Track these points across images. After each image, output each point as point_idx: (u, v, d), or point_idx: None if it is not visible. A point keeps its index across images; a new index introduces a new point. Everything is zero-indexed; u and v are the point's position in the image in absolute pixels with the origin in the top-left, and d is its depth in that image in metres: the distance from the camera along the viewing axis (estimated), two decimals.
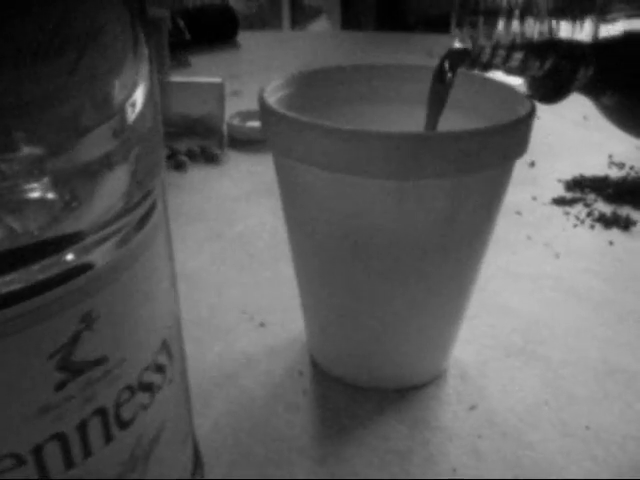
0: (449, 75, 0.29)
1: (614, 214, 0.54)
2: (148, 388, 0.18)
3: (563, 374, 0.36)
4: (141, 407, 0.18)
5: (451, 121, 0.34)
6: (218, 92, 0.70)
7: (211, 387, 0.34)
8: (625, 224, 0.53)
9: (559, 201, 0.57)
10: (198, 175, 0.62)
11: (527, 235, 0.51)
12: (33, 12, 0.13)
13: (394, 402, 0.34)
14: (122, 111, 0.16)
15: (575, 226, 0.53)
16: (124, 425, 0.18)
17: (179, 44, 1.05)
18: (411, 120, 0.35)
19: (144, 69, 0.17)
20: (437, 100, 0.31)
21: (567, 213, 0.55)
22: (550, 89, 0.26)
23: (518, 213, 0.55)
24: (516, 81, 0.30)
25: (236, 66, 1.02)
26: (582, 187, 0.59)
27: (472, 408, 0.34)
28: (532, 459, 0.31)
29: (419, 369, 0.35)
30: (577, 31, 0.25)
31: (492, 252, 0.46)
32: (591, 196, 0.58)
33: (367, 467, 0.30)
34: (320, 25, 2.95)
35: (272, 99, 0.31)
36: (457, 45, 0.27)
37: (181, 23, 1.11)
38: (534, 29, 0.25)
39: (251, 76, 0.95)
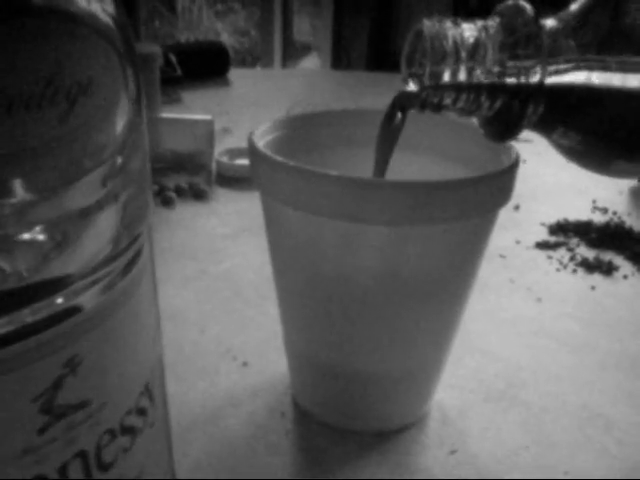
0: (399, 118, 0.30)
1: (597, 259, 0.55)
2: (129, 431, 0.18)
3: (543, 419, 0.36)
4: (122, 450, 0.18)
5: (438, 169, 0.35)
6: (208, 129, 0.71)
7: (193, 426, 0.34)
8: (607, 269, 0.54)
9: (542, 245, 0.58)
10: (186, 211, 0.62)
11: (510, 279, 0.52)
12: (26, 63, 0.13)
13: (375, 445, 0.34)
14: (113, 157, 0.16)
15: (558, 270, 0.54)
16: (105, 468, 0.18)
17: (170, 80, 1.06)
18: (398, 166, 0.35)
19: (134, 113, 0.17)
20: (387, 143, 0.31)
21: (550, 257, 0.56)
22: (501, 128, 0.27)
23: (502, 256, 0.55)
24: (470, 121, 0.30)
25: (227, 103, 1.03)
26: (565, 231, 0.60)
27: (452, 452, 0.34)
28: None
29: (401, 412, 0.35)
30: (524, 73, 0.25)
31: (476, 295, 0.47)
32: (574, 240, 0.59)
33: None
34: (311, 62, 2.99)
35: (261, 142, 0.32)
36: (407, 87, 0.28)
37: (173, 59, 1.12)
38: (482, 71, 0.26)
39: (241, 113, 0.96)
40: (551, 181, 0.74)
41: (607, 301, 0.49)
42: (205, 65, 1.21)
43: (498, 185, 0.28)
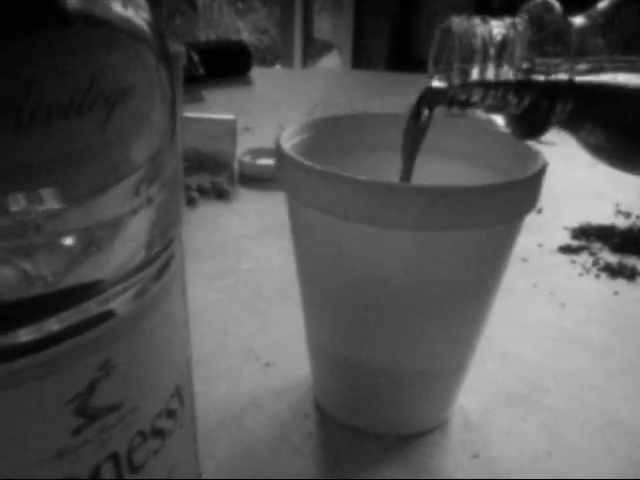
0: (426, 115, 0.30)
1: (620, 264, 0.54)
2: (160, 433, 0.19)
3: (565, 424, 0.36)
4: (152, 452, 0.18)
5: (464, 174, 0.35)
6: (230, 129, 0.71)
7: (217, 427, 0.35)
8: (631, 274, 0.53)
9: (565, 249, 0.57)
10: (208, 211, 0.63)
11: (533, 283, 0.52)
12: (66, 72, 0.13)
13: (397, 448, 0.34)
14: (148, 163, 0.16)
15: (581, 275, 0.53)
16: (135, 470, 0.18)
17: (193, 79, 1.06)
18: (426, 170, 0.35)
19: (170, 117, 0.17)
20: (413, 142, 0.31)
21: (573, 261, 0.55)
22: (529, 125, 0.27)
23: (524, 260, 0.55)
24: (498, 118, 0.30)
25: (248, 102, 1.04)
26: (588, 235, 0.60)
27: (474, 456, 0.34)
28: None
29: (423, 416, 0.35)
30: (553, 71, 0.25)
31: (498, 299, 0.47)
32: (597, 245, 0.58)
33: None
34: (331, 60, 2.99)
35: (288, 144, 0.32)
36: (434, 84, 0.28)
37: (195, 58, 1.12)
38: (510, 68, 0.25)
39: (263, 113, 0.96)
40: (574, 184, 0.74)
41: (630, 306, 0.49)
42: (227, 64, 1.22)
43: (524, 192, 0.28)
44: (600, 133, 0.26)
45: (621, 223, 0.63)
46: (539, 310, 0.48)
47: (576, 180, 0.75)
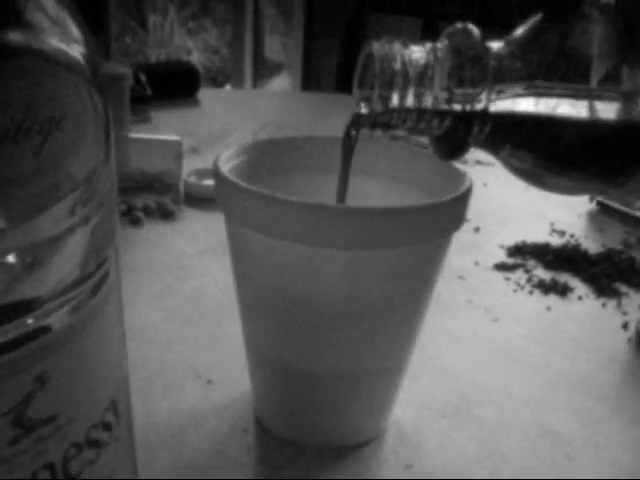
0: (353, 137, 0.31)
1: (553, 280, 0.57)
2: (95, 445, 0.19)
3: (497, 435, 0.38)
4: (88, 462, 0.19)
5: (396, 195, 0.37)
6: (176, 149, 0.72)
7: (157, 443, 0.35)
8: (563, 290, 0.55)
9: (500, 267, 0.59)
10: (153, 231, 0.63)
11: (468, 299, 0.53)
12: (4, 100, 0.14)
13: (334, 460, 0.35)
14: (83, 185, 0.17)
15: (515, 291, 0.55)
16: (71, 479, 0.19)
17: (140, 99, 1.06)
18: (359, 191, 0.37)
19: (104, 141, 0.18)
20: (344, 163, 0.32)
21: (508, 278, 0.57)
22: (449, 147, 0.28)
23: (461, 277, 0.57)
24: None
25: (196, 123, 1.04)
26: (523, 253, 0.62)
27: (408, 467, 0.35)
28: None
29: (360, 429, 0.36)
30: (470, 99, 0.26)
31: (434, 315, 0.48)
32: (531, 262, 0.61)
33: None
34: (282, 81, 3.00)
35: (226, 166, 0.33)
36: (361, 110, 0.29)
37: (143, 78, 1.13)
38: (429, 95, 0.26)
39: (210, 134, 0.97)
40: (511, 204, 0.76)
41: (562, 321, 0.51)
42: (175, 84, 1.22)
43: (451, 211, 0.30)
44: (517, 155, 0.28)
45: (556, 241, 0.65)
46: (474, 325, 0.50)
47: (513, 200, 0.77)
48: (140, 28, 3.39)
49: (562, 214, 0.73)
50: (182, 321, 0.47)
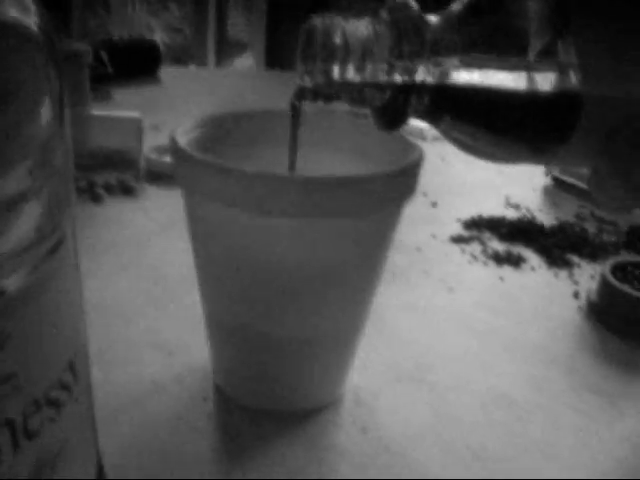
0: (297, 108, 0.32)
1: (507, 252, 0.58)
2: (54, 404, 0.20)
3: (449, 399, 0.39)
4: (48, 420, 0.20)
5: (349, 166, 0.38)
6: (136, 126, 0.72)
7: (118, 411, 0.36)
8: (516, 261, 0.57)
9: (457, 239, 0.61)
10: (114, 207, 0.64)
11: (424, 270, 0.55)
12: None
13: (292, 425, 0.36)
14: (39, 151, 0.18)
15: (470, 262, 0.57)
16: (30, 436, 0.19)
17: (101, 77, 1.06)
18: (313, 163, 0.38)
19: (58, 112, 0.19)
20: (292, 134, 0.34)
21: (463, 250, 0.59)
22: (388, 118, 0.29)
23: (418, 249, 0.58)
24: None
25: (157, 100, 1.04)
26: (479, 226, 0.64)
27: (364, 430, 0.36)
28: (417, 474, 0.33)
29: (316, 394, 0.37)
30: (408, 72, 0.27)
31: (391, 286, 0.50)
32: (487, 234, 0.62)
33: None
34: (246, 60, 2.98)
35: (184, 139, 0.33)
36: (304, 82, 0.29)
37: (104, 56, 1.12)
38: (369, 67, 0.27)
39: (171, 111, 0.97)
40: (469, 179, 0.78)
41: (514, 291, 0.53)
42: (136, 62, 1.21)
43: (401, 181, 0.31)
44: (455, 125, 0.29)
45: (511, 215, 0.67)
46: (430, 295, 0.51)
47: (470, 175, 0.79)
48: (102, 7, 3.34)
49: (518, 189, 0.75)
50: (144, 295, 0.48)
